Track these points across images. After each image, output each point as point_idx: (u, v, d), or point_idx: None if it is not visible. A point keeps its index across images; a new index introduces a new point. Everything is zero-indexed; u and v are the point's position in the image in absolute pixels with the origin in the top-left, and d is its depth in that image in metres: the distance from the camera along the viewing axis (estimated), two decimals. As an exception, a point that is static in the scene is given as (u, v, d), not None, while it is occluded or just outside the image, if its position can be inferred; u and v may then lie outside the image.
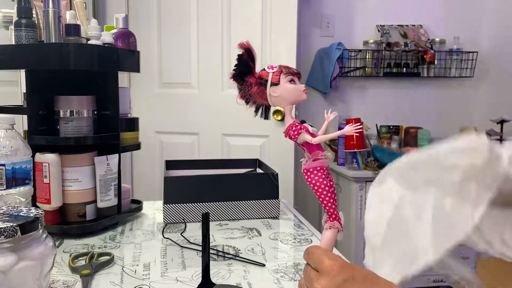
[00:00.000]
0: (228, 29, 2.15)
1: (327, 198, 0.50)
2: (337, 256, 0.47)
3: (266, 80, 0.51)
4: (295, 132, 0.51)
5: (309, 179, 0.50)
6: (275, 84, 0.51)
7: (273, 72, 0.51)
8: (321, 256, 0.46)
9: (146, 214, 1.17)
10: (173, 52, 2.24)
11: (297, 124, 0.51)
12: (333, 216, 0.51)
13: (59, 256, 0.84)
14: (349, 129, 0.50)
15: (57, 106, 0.99)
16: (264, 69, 0.52)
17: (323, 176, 0.50)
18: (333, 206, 0.50)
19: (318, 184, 0.50)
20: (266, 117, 0.55)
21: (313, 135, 0.51)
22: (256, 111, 0.55)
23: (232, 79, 0.53)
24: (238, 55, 0.52)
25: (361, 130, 0.49)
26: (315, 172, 0.50)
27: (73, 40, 0.96)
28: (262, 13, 2.09)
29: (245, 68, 0.52)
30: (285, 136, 0.52)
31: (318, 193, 0.50)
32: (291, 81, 0.51)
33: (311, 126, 0.52)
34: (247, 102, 0.54)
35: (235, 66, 0.53)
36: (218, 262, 0.84)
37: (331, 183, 0.52)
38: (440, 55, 2.50)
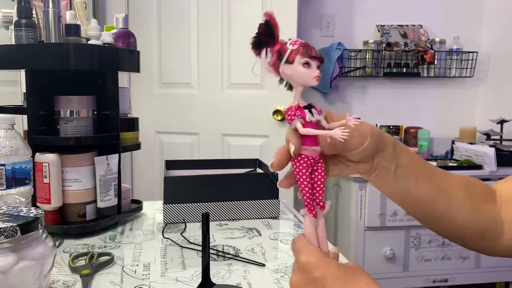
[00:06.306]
0: (228, 29, 2.15)
1: (302, 186, 0.50)
2: (314, 252, 0.46)
3: (283, 56, 0.48)
4: (289, 117, 0.50)
5: (294, 166, 0.50)
6: (289, 62, 0.49)
7: (291, 50, 0.48)
8: (298, 250, 0.47)
9: (146, 214, 1.17)
10: (173, 52, 2.24)
11: (295, 108, 0.49)
12: (305, 203, 0.51)
13: (59, 256, 0.84)
14: (338, 133, 0.48)
15: (57, 106, 0.99)
16: (287, 43, 0.49)
17: (304, 164, 0.50)
18: (307, 194, 0.50)
19: (297, 170, 0.50)
20: (290, 88, 0.53)
21: (309, 124, 0.49)
22: (281, 80, 0.52)
23: (251, 48, 0.51)
24: (260, 24, 0.49)
25: (348, 136, 0.47)
26: (298, 158, 0.50)
27: (73, 40, 0.96)
28: (262, 13, 2.09)
29: (260, 40, 0.49)
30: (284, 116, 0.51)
31: (297, 180, 0.50)
32: (306, 64, 0.48)
33: (312, 114, 0.49)
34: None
35: (255, 33, 0.49)
36: (218, 262, 0.84)
37: (316, 173, 0.51)
38: (440, 55, 2.50)
